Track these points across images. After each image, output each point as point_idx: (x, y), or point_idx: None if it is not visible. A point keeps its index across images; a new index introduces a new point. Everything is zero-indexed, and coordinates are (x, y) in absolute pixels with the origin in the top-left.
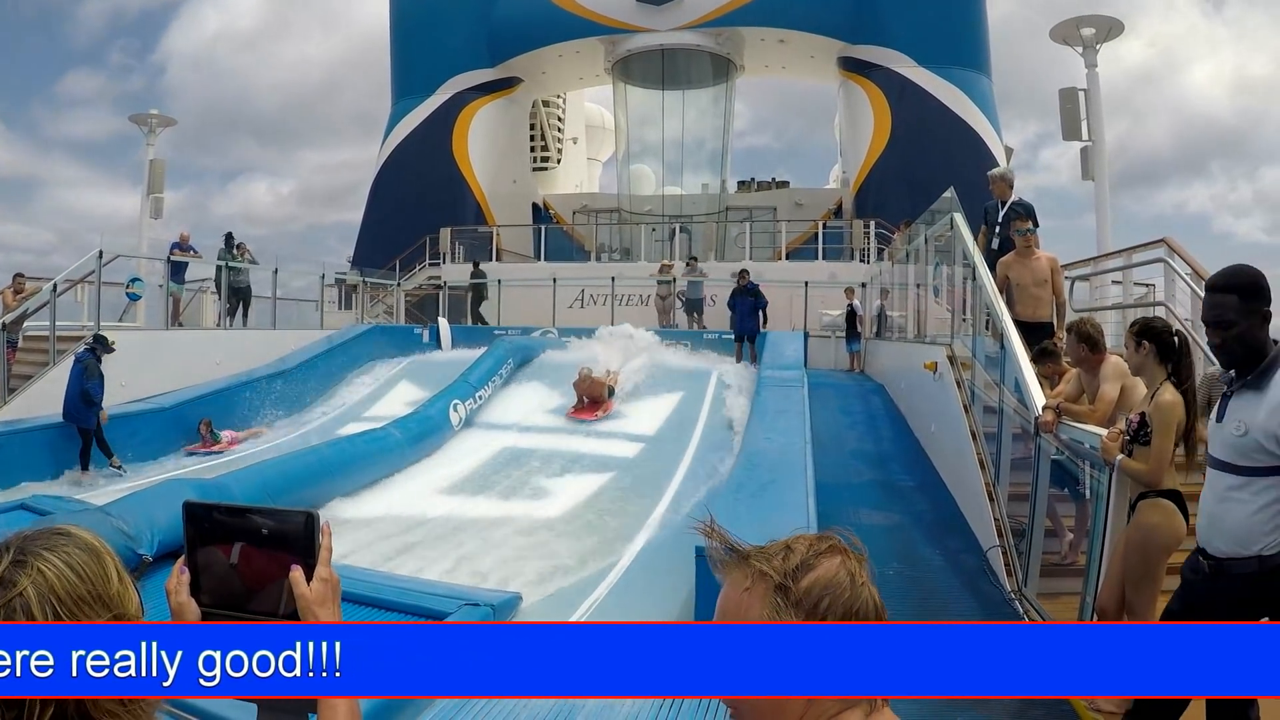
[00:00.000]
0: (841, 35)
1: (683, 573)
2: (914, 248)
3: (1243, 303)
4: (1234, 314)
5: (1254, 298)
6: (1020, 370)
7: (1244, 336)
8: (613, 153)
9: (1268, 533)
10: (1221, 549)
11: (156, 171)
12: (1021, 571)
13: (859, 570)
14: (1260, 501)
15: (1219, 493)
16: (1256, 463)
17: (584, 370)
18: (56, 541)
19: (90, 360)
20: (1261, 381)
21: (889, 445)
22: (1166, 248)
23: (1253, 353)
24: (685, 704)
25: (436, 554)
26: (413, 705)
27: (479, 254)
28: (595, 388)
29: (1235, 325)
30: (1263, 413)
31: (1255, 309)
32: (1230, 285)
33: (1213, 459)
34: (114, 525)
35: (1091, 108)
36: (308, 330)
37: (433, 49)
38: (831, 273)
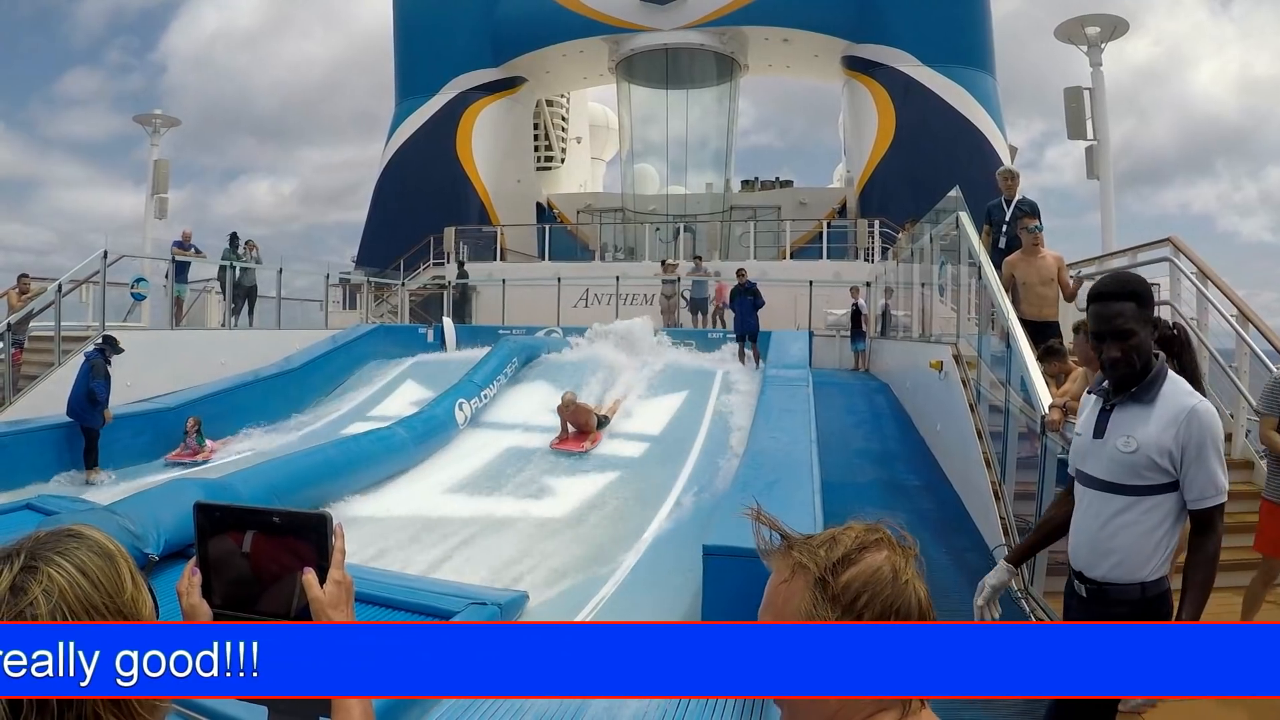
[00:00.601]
0: (845, 34)
1: (690, 572)
2: (919, 247)
3: (1139, 310)
4: (1133, 322)
5: (1147, 305)
6: (1026, 369)
7: (1142, 347)
8: (616, 152)
9: (1151, 556)
10: (1105, 574)
11: (161, 172)
12: (1028, 571)
13: (905, 566)
14: (1149, 522)
15: (1104, 516)
16: (1147, 480)
17: (568, 395)
18: (68, 545)
19: (98, 360)
20: (1148, 394)
21: (894, 444)
22: (1172, 246)
23: (1147, 364)
24: (692, 704)
25: (443, 553)
26: (419, 705)
27: (484, 253)
28: (581, 415)
29: (1135, 334)
30: (1154, 427)
31: (1148, 317)
32: (1126, 292)
33: (1091, 479)
34: (120, 524)
35: (1096, 106)
36: (312, 330)
37: (436, 49)
38: (836, 272)
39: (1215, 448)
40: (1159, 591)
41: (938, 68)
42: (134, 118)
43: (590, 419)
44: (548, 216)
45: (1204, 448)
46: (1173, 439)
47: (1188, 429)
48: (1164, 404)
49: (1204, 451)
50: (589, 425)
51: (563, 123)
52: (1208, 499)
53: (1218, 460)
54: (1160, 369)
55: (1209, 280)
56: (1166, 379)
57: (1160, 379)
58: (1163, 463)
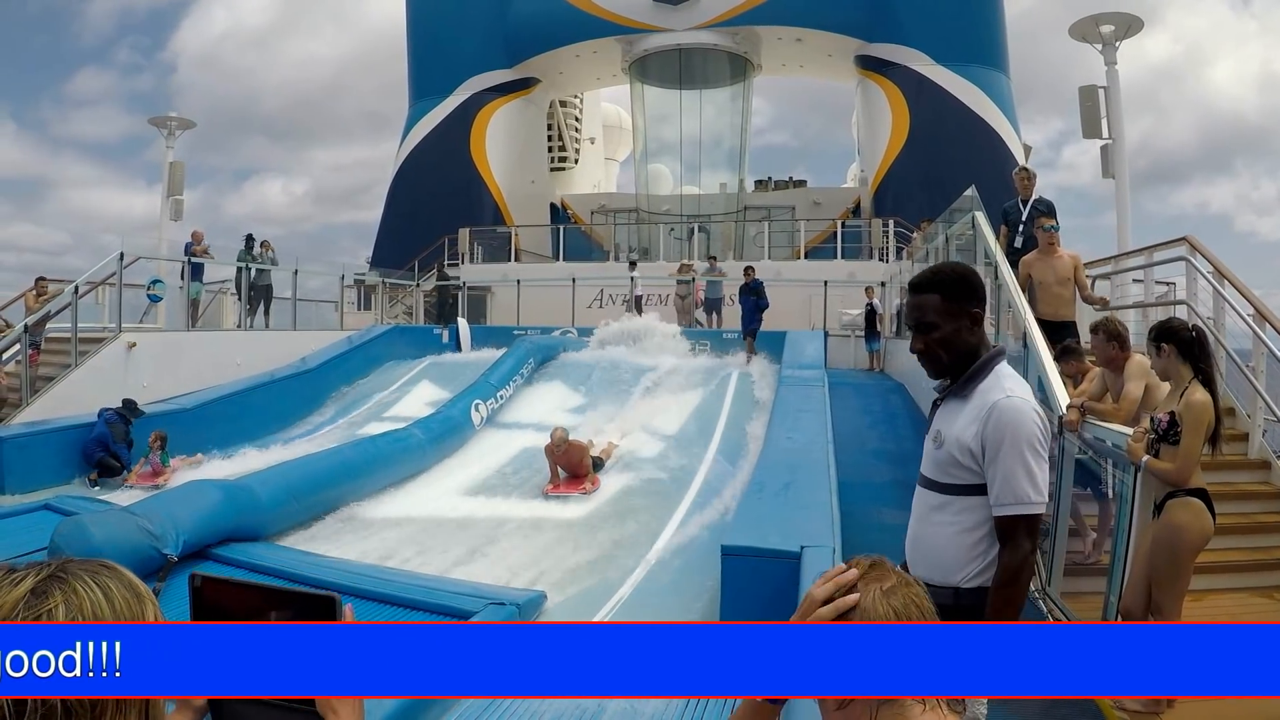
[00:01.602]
0: (858, 34)
1: (708, 571)
2: (934, 246)
3: (946, 302)
4: (936, 315)
5: (960, 297)
6: (1044, 369)
7: (949, 340)
8: (630, 153)
9: (965, 562)
10: (921, 574)
11: (176, 174)
12: (1045, 571)
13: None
14: (962, 524)
15: (921, 513)
16: (955, 479)
17: (558, 433)
18: (100, 571)
19: (117, 423)
20: (965, 389)
21: (910, 444)
22: (1188, 246)
23: (961, 358)
24: (710, 704)
25: (460, 554)
26: (439, 705)
27: (498, 254)
28: (575, 455)
29: (938, 328)
30: (961, 423)
31: (962, 309)
32: (933, 284)
33: (920, 475)
34: (139, 525)
35: (1111, 105)
36: (328, 331)
37: (450, 50)
38: (850, 272)
39: (1019, 449)
40: (973, 603)
41: (951, 67)
42: (149, 120)
43: (585, 460)
44: (562, 217)
45: (1002, 447)
46: (974, 436)
47: (987, 425)
48: (977, 399)
49: (1002, 451)
50: (584, 468)
51: (576, 123)
52: (1004, 506)
53: (1023, 465)
54: (984, 364)
55: (1225, 280)
56: (990, 374)
57: (981, 374)
58: (965, 461)
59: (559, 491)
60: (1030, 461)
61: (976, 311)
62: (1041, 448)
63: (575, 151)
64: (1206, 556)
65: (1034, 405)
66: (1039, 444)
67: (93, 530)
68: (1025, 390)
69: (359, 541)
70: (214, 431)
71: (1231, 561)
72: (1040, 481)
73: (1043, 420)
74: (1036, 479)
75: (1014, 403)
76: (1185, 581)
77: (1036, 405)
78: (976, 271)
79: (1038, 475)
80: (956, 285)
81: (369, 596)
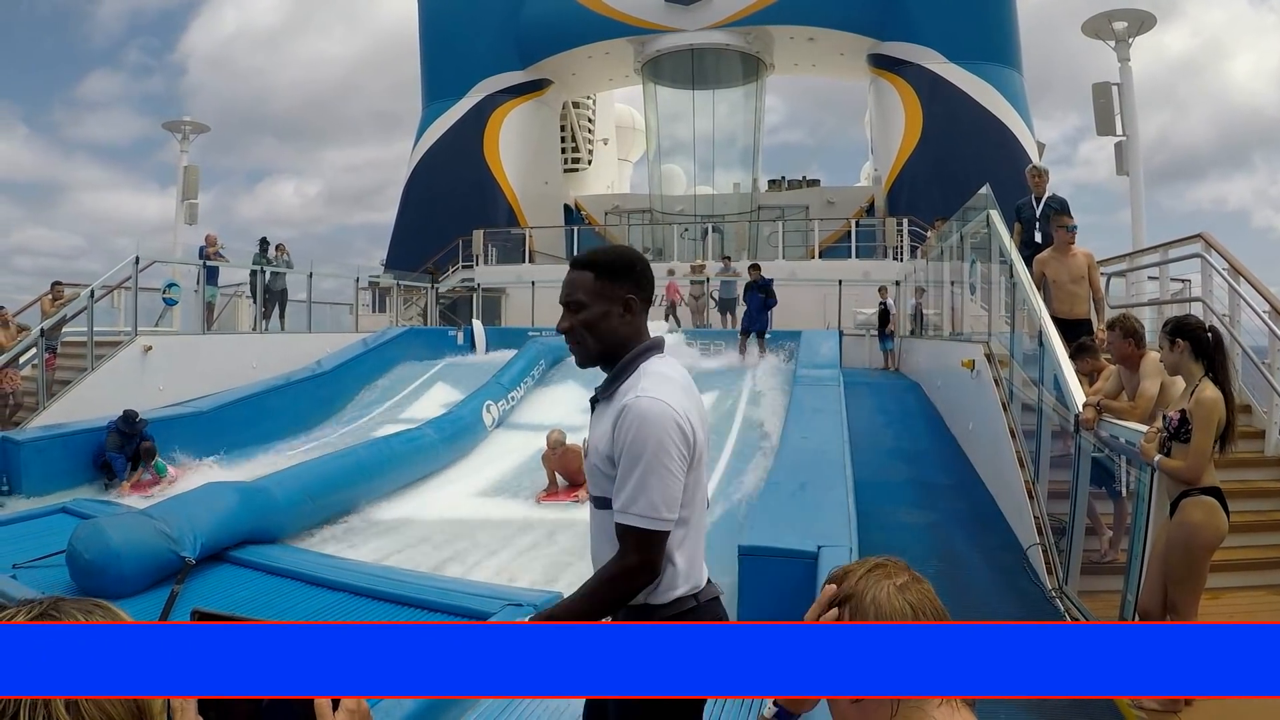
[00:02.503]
0: (871, 32)
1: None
2: (948, 245)
3: (598, 281)
4: (584, 294)
5: (615, 277)
6: (1059, 367)
7: (595, 324)
8: (643, 153)
9: None
10: None
11: (191, 178)
12: (1062, 569)
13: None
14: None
15: (593, 530)
16: (604, 492)
17: (554, 435)
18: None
19: (113, 434)
20: (610, 389)
21: (926, 443)
22: (1203, 243)
23: (611, 349)
24: (729, 704)
25: (476, 555)
26: (457, 705)
27: (512, 255)
28: (573, 461)
29: (586, 307)
30: (599, 429)
31: (615, 293)
32: (587, 262)
33: None
34: (157, 528)
35: (1125, 102)
36: (342, 333)
37: (462, 52)
38: (865, 271)
39: (640, 457)
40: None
41: (964, 65)
42: (163, 124)
43: (580, 464)
44: (575, 218)
45: (625, 453)
46: (608, 442)
47: (620, 428)
48: (616, 400)
49: (625, 458)
50: (581, 474)
51: (589, 124)
52: (619, 513)
53: (639, 474)
54: (630, 360)
55: (1241, 276)
56: (634, 372)
57: (626, 371)
58: (608, 470)
59: (551, 499)
60: (649, 471)
61: (631, 298)
62: (671, 457)
63: (588, 152)
64: (1223, 555)
65: (674, 406)
66: (668, 452)
67: (110, 533)
68: (669, 389)
69: (374, 542)
70: (230, 434)
71: (1249, 559)
72: (661, 495)
73: (683, 425)
74: (654, 492)
75: (645, 403)
76: (1201, 580)
77: (679, 406)
78: (645, 259)
79: (657, 488)
80: (612, 265)
81: (385, 598)
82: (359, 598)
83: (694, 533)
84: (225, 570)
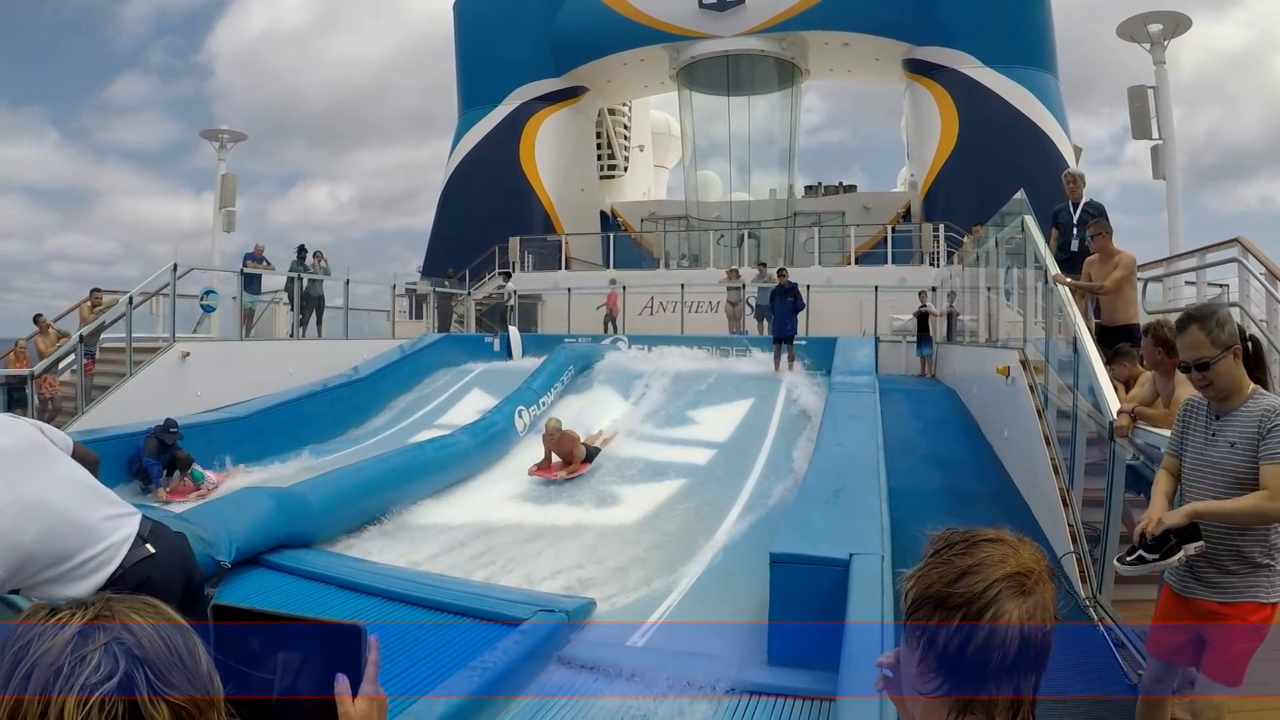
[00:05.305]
0: (905, 37)
1: (758, 576)
2: (984, 250)
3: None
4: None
5: None
6: (1095, 374)
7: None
8: (679, 160)
9: None
10: None
11: (228, 186)
12: (1096, 578)
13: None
14: None
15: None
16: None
17: (552, 422)
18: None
19: (150, 440)
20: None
21: (961, 450)
22: (1240, 247)
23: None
24: (760, 704)
25: (510, 560)
26: (491, 705)
27: (549, 263)
28: (566, 444)
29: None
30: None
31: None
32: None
33: None
34: (193, 532)
35: (1161, 105)
36: (379, 340)
37: (498, 60)
38: (901, 277)
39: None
40: None
41: (999, 69)
42: (201, 133)
43: (576, 449)
44: (612, 225)
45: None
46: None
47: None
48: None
49: None
50: (575, 455)
51: (625, 131)
52: None
53: None
54: None
55: (1279, 281)
56: None
57: None
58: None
59: (542, 474)
60: None
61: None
62: None
63: (624, 159)
64: None
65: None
66: None
67: None
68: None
69: (409, 547)
70: (267, 440)
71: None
72: None
73: None
74: None
75: None
76: None
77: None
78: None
79: None
80: None
81: (420, 603)
82: (392, 602)
83: None
84: (260, 574)
